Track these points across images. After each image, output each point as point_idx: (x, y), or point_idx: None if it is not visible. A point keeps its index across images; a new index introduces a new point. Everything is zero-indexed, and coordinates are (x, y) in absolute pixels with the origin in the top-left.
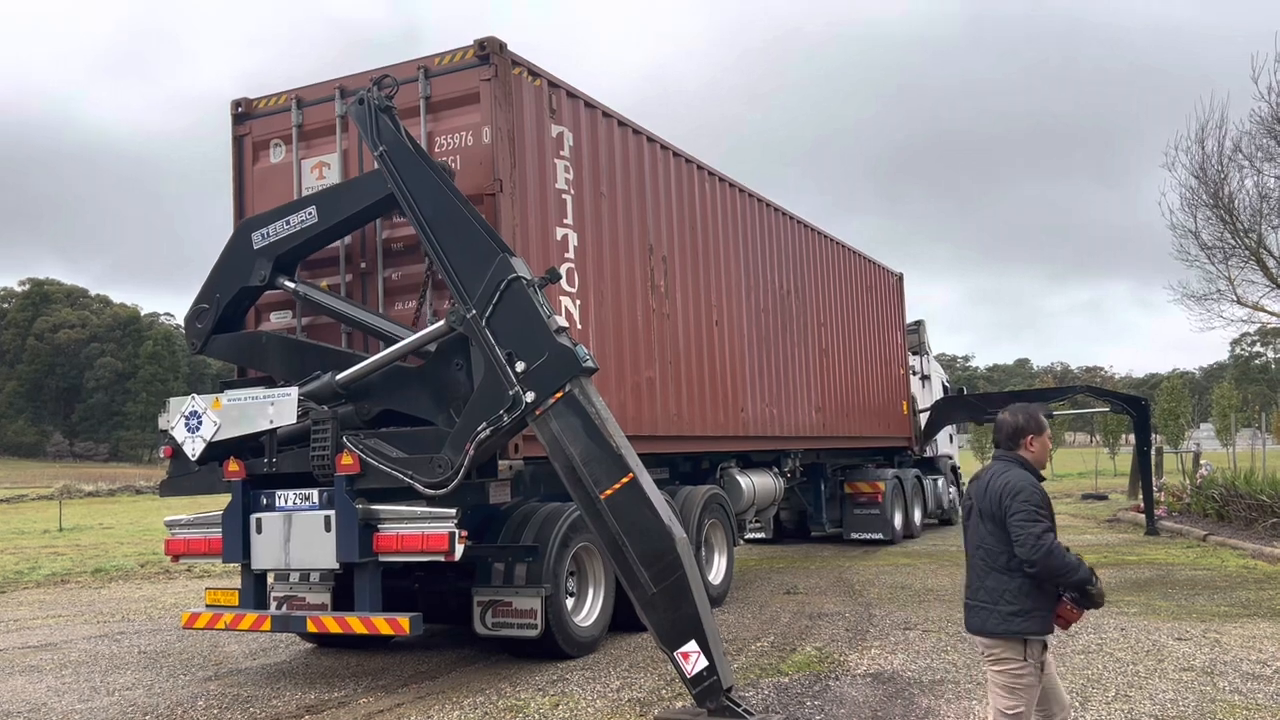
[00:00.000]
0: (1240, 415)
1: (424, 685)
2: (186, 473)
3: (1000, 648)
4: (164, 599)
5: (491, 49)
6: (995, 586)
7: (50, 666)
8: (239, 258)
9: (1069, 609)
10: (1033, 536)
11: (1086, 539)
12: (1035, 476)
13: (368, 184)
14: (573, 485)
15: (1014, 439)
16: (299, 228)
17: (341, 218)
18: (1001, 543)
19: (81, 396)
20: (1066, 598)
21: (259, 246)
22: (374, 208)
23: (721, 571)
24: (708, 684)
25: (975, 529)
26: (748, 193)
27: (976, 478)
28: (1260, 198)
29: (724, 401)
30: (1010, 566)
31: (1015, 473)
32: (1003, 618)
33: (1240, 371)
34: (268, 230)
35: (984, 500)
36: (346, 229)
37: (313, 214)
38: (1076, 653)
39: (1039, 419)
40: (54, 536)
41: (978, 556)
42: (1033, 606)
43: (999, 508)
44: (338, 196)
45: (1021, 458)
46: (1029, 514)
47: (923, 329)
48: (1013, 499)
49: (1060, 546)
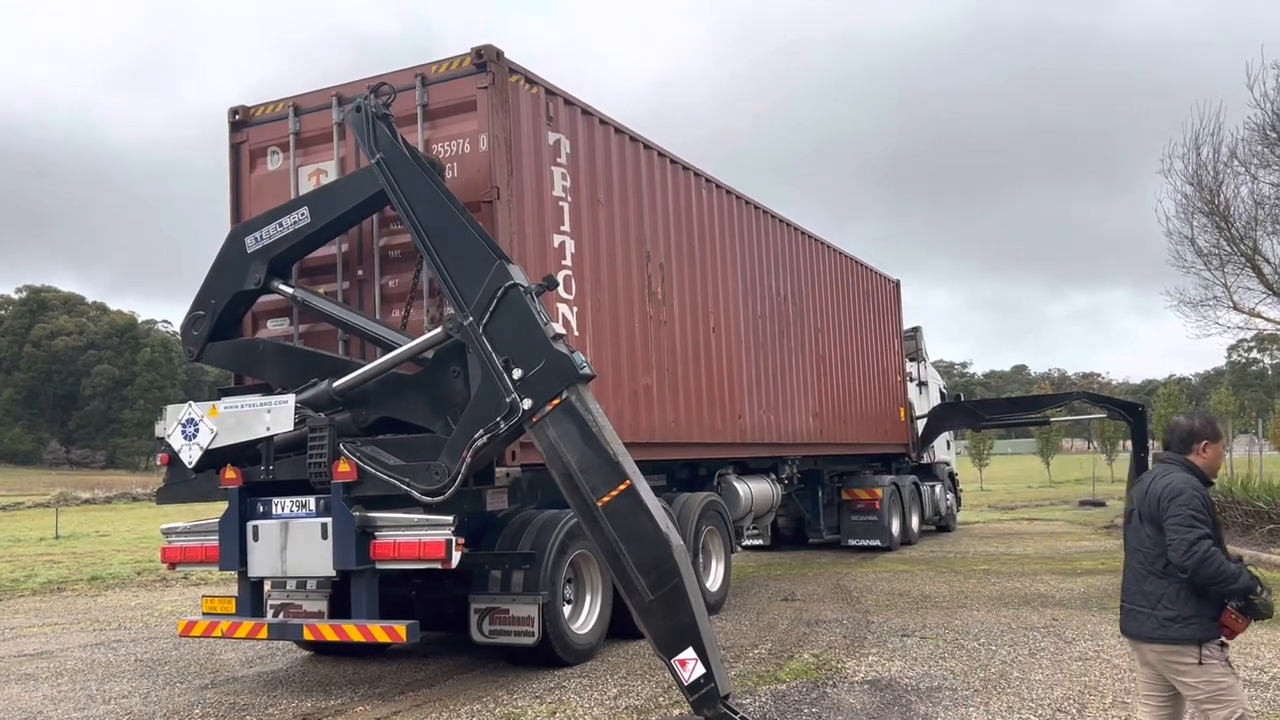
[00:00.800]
0: (1237, 421)
1: (421, 693)
2: (183, 480)
3: (1174, 654)
4: (160, 607)
5: (488, 57)
6: (1152, 591)
7: (46, 675)
8: (233, 263)
9: (1233, 618)
10: (1186, 543)
11: (1084, 545)
12: (1202, 482)
13: (359, 181)
14: (570, 492)
15: (1186, 443)
16: (292, 229)
17: (334, 216)
18: (1159, 546)
19: (78, 404)
20: (1231, 606)
21: (252, 250)
22: (366, 204)
23: (719, 579)
24: (705, 691)
25: (1135, 531)
26: (745, 199)
27: (1138, 480)
28: (1256, 204)
29: (721, 408)
30: (1167, 571)
31: (1178, 475)
32: (1159, 623)
33: (1237, 378)
34: (260, 234)
35: (1144, 503)
36: (341, 227)
37: (305, 214)
38: (1074, 659)
39: (1215, 426)
40: (50, 544)
41: (1135, 559)
42: (1192, 613)
43: (1157, 510)
44: (330, 195)
45: (1189, 462)
46: (1185, 519)
47: (920, 335)
48: (1170, 502)
49: (1217, 554)
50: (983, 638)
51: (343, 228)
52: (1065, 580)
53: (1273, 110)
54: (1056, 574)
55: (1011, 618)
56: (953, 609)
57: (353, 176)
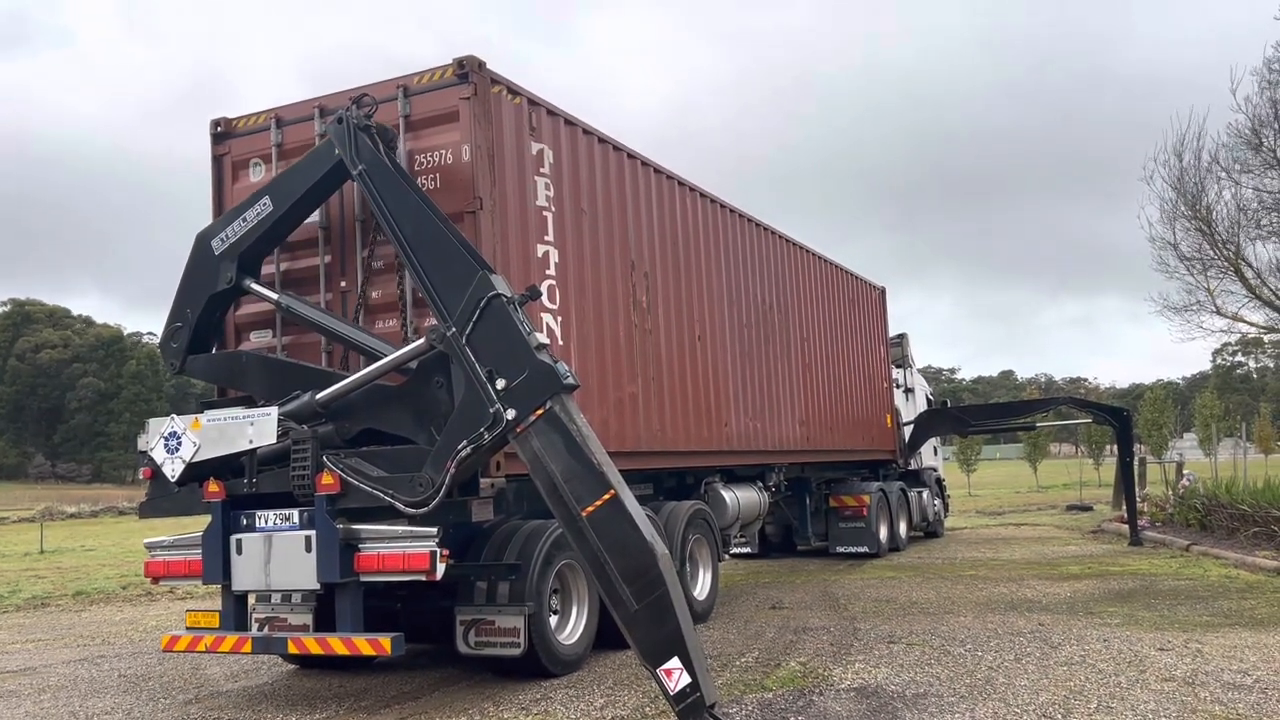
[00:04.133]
0: (1222, 425)
1: (407, 706)
2: (166, 494)
3: None
4: (145, 621)
5: (470, 67)
6: None
7: (29, 691)
8: (202, 267)
9: None
10: None
11: (1071, 550)
12: None
13: (315, 158)
14: (554, 503)
15: None
16: (256, 221)
17: (297, 197)
18: None
19: (64, 417)
20: None
21: (220, 251)
22: (326, 180)
23: (706, 587)
24: (691, 700)
25: None
26: (729, 208)
27: None
28: (1239, 209)
29: (707, 416)
30: None
31: None
32: None
33: (1222, 381)
34: (226, 233)
35: None
36: (305, 209)
37: (267, 204)
38: (1059, 664)
39: None
40: (35, 559)
41: None
42: None
43: None
44: (289, 179)
45: None
46: None
47: (906, 342)
48: None
49: None
50: (969, 644)
51: (307, 209)
52: (1052, 585)
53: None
54: (1043, 579)
55: (998, 623)
56: (939, 615)
57: (308, 156)
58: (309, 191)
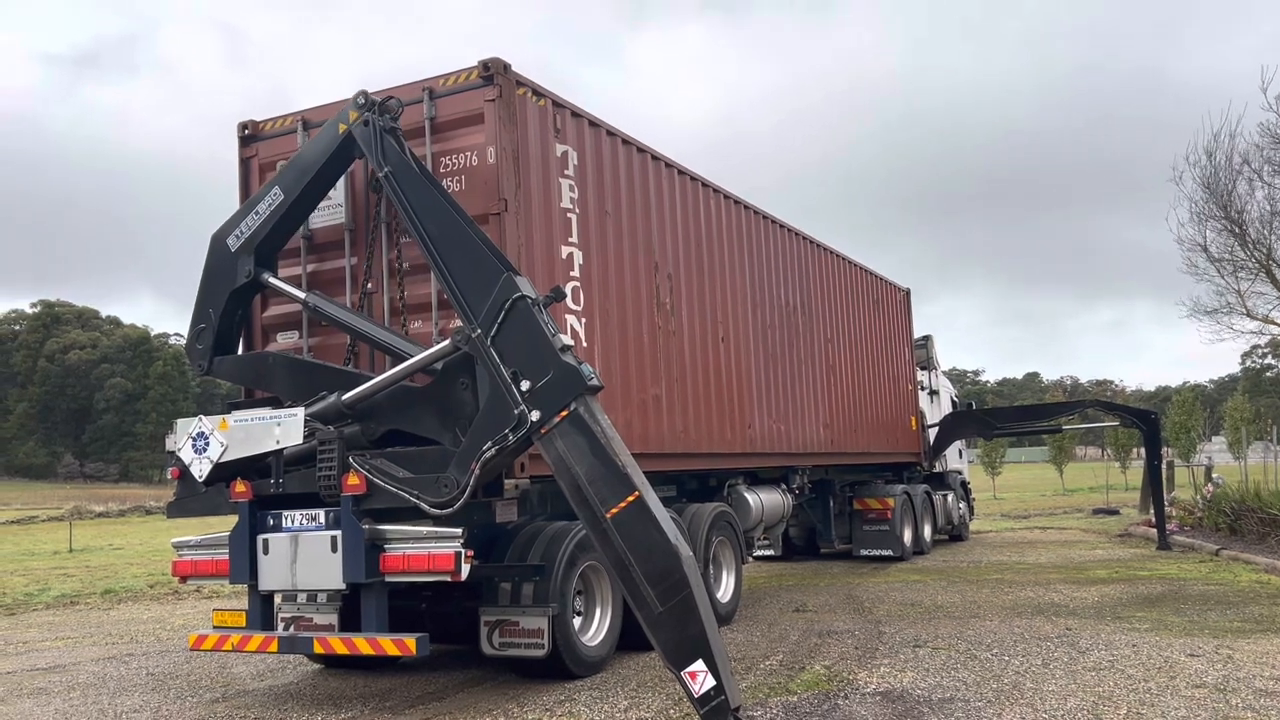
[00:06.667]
0: (1252, 428)
1: (431, 706)
2: (194, 494)
3: None
4: (173, 620)
5: (495, 69)
6: None
7: (59, 689)
8: (220, 265)
9: None
10: None
11: (1098, 554)
12: None
13: (321, 141)
14: (578, 504)
15: None
16: (268, 212)
17: (307, 181)
18: None
19: (92, 417)
20: None
21: (236, 248)
22: (334, 160)
23: (730, 589)
24: (715, 703)
25: None
26: (753, 209)
27: None
28: (1271, 210)
29: (731, 418)
30: None
31: None
32: None
33: (1252, 384)
34: (240, 229)
35: None
36: (315, 194)
37: (278, 193)
38: (1088, 669)
39: None
40: (64, 558)
41: None
42: None
43: None
44: (297, 165)
45: None
46: None
47: (931, 344)
48: None
49: None
50: (995, 648)
51: (318, 193)
52: (1079, 589)
53: None
54: (1070, 583)
55: (1025, 628)
56: (965, 619)
57: (314, 140)
58: (319, 174)
